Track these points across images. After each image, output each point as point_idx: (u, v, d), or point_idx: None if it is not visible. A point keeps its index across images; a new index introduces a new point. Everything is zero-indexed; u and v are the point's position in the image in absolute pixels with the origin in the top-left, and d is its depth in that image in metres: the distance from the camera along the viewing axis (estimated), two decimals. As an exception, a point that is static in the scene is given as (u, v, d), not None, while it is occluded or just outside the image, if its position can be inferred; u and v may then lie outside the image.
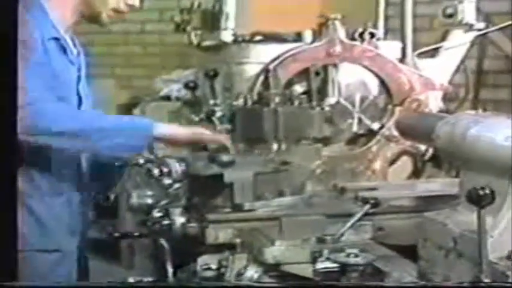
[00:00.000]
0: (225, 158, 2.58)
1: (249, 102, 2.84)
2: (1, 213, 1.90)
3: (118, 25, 3.02)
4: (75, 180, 2.89)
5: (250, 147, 2.78)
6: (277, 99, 2.78)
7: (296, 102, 2.80)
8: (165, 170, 2.59)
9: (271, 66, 3.05)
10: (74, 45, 2.90)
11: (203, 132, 2.76)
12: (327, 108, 2.94)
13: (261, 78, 3.05)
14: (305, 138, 2.79)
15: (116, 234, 3.10)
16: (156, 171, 2.58)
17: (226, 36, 3.27)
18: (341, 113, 3.15)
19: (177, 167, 2.60)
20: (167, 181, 2.58)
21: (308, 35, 3.21)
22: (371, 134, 3.21)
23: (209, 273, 2.45)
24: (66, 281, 2.81)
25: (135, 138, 2.68)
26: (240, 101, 2.89)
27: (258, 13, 3.39)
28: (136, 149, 2.69)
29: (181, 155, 2.72)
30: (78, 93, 2.88)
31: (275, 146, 2.72)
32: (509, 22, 3.64)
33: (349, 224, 2.38)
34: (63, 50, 2.83)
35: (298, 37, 3.22)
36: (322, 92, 3.13)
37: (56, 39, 2.81)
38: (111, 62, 6.26)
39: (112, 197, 2.86)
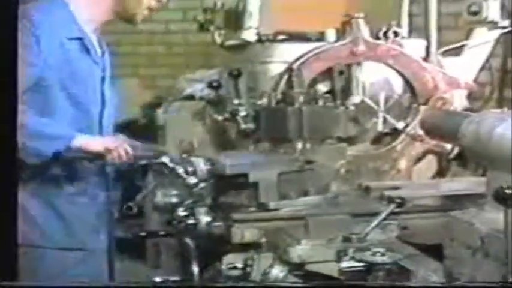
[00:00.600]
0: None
1: (273, 102, 2.83)
2: (1, 212, 1.91)
3: (142, 25, 3.03)
4: (99, 179, 2.90)
5: (274, 146, 2.78)
6: (301, 99, 2.77)
7: (320, 102, 2.79)
8: (190, 169, 2.60)
9: (295, 66, 3.05)
10: (100, 45, 2.91)
11: (116, 145, 2.74)
12: (351, 108, 2.93)
13: (285, 77, 3.05)
14: (329, 137, 2.78)
15: (142, 234, 3.10)
16: (181, 171, 2.59)
17: (250, 35, 3.27)
18: (365, 112, 3.14)
19: (203, 166, 2.61)
20: (192, 180, 2.59)
21: (332, 34, 3.20)
22: (396, 133, 3.20)
23: (234, 273, 2.45)
24: (91, 279, 2.83)
25: (47, 146, 2.68)
26: (264, 101, 2.89)
27: (281, 12, 3.39)
28: (43, 156, 2.68)
29: (206, 154, 2.73)
30: (102, 94, 2.89)
31: (299, 146, 2.72)
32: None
33: (374, 223, 2.38)
34: (87, 50, 2.84)
35: (322, 36, 3.22)
36: (346, 91, 3.13)
37: (79, 39, 2.82)
38: (135, 61, 6.28)
39: (135, 207, 2.87)
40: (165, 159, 2.68)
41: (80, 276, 2.81)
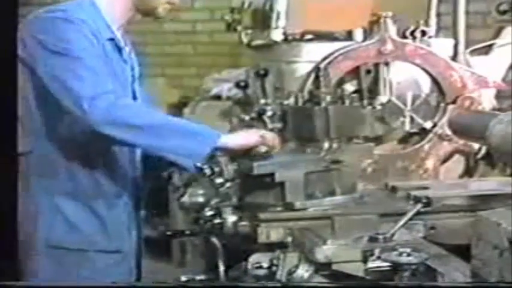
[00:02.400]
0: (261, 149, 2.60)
1: (300, 101, 2.83)
2: (1, 213, 1.92)
3: (169, 25, 3.04)
4: (133, 181, 2.91)
5: (301, 146, 2.77)
6: (328, 98, 2.77)
7: (347, 101, 2.78)
8: (217, 169, 2.60)
9: (322, 65, 3.04)
10: (125, 43, 2.92)
11: (265, 137, 2.71)
12: (378, 107, 2.92)
13: (312, 77, 3.04)
14: (356, 137, 2.78)
15: (168, 233, 3.11)
16: (207, 170, 2.59)
17: (277, 35, 3.27)
18: (393, 112, 3.13)
19: (229, 166, 2.61)
20: (218, 180, 2.59)
21: (359, 34, 3.19)
22: (423, 132, 3.18)
23: (260, 272, 2.45)
24: (124, 280, 2.84)
25: (200, 144, 2.66)
26: (291, 100, 2.89)
27: (308, 12, 3.38)
28: (197, 155, 2.65)
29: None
30: (133, 93, 2.90)
31: (326, 145, 2.71)
32: None
33: (401, 223, 2.37)
34: (119, 50, 2.84)
35: (349, 36, 3.21)
36: (374, 91, 3.12)
37: (112, 39, 2.82)
38: (162, 61, 6.31)
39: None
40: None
41: (115, 278, 2.81)
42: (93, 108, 2.58)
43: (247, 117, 3.02)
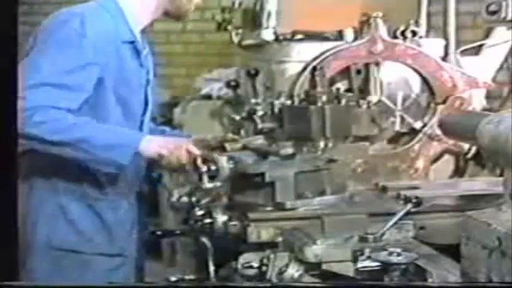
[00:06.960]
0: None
1: (296, 101, 2.83)
2: (1, 213, 1.91)
3: (159, 24, 3.02)
4: (137, 183, 2.89)
5: (296, 145, 2.76)
6: (324, 98, 2.76)
7: (343, 101, 2.78)
8: (213, 167, 2.58)
9: (315, 63, 3.04)
10: (144, 46, 2.88)
11: (187, 148, 2.69)
12: (373, 107, 2.91)
13: (307, 76, 3.03)
14: (352, 136, 2.78)
15: (158, 233, 3.10)
16: (204, 168, 2.57)
17: (268, 34, 3.27)
18: (383, 112, 3.13)
19: (225, 165, 2.59)
20: (209, 185, 2.57)
21: (349, 33, 3.20)
22: (413, 132, 3.19)
23: (250, 272, 2.45)
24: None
25: (120, 155, 2.65)
26: (282, 99, 2.88)
27: (299, 11, 3.39)
28: (119, 165, 2.67)
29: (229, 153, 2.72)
30: (146, 95, 2.87)
31: (322, 144, 2.71)
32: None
33: (391, 223, 2.37)
34: (137, 53, 2.81)
35: (340, 35, 3.21)
36: (364, 91, 3.12)
37: (131, 42, 2.79)
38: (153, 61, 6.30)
39: None
40: (198, 160, 2.65)
41: (120, 280, 2.81)
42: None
43: (237, 117, 3.02)
